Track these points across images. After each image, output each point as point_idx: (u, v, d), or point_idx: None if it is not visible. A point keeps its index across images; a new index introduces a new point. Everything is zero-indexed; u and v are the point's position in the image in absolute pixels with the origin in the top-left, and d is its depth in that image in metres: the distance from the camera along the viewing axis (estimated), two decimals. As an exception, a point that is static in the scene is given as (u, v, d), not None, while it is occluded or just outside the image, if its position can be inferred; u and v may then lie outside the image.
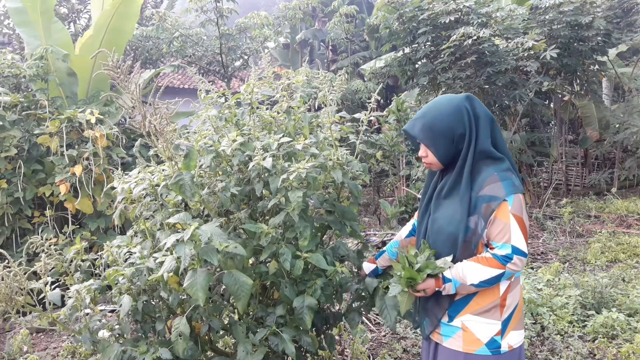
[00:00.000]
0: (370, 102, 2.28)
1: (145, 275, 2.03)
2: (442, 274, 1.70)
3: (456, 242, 1.69)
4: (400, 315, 1.87)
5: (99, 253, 2.35)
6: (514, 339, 1.72)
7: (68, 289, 2.15)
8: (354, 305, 2.28)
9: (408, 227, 2.08)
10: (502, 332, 1.69)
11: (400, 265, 1.75)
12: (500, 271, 1.63)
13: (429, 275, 1.71)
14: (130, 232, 2.36)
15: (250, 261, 2.14)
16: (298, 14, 9.79)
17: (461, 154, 1.73)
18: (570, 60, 7.75)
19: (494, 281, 1.65)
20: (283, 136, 2.10)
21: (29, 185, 4.76)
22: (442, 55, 7.67)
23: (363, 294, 2.22)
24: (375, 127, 8.59)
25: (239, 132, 2.19)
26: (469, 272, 1.65)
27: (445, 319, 1.77)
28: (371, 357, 3.35)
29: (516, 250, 1.62)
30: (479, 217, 1.65)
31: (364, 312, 2.26)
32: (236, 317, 2.31)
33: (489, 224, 1.65)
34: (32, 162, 4.84)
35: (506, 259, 1.63)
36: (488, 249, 1.69)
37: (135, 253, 2.19)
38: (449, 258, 1.70)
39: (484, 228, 1.65)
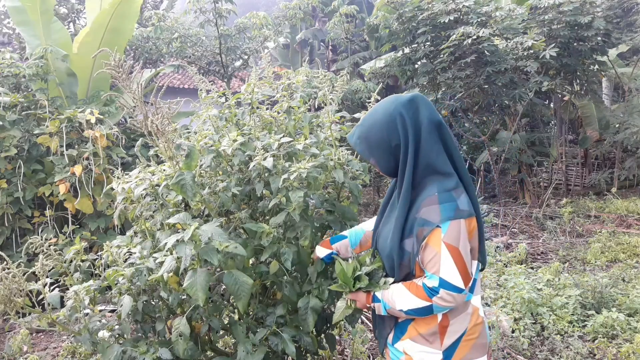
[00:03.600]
0: (370, 102, 2.28)
1: (145, 275, 2.03)
2: (374, 292, 1.60)
3: (393, 264, 1.58)
4: (331, 322, 1.79)
5: (99, 253, 2.35)
6: None
7: (68, 289, 2.15)
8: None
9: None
10: None
11: (340, 269, 1.67)
12: (426, 303, 1.49)
13: (361, 289, 1.63)
14: (130, 232, 2.36)
15: (251, 261, 2.14)
16: (298, 13, 9.79)
17: (399, 168, 1.56)
18: (569, 60, 7.76)
19: (424, 312, 1.51)
20: (283, 136, 2.10)
21: (29, 185, 4.75)
22: (441, 55, 7.68)
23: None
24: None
25: (239, 132, 2.19)
26: (398, 297, 1.54)
27: (390, 340, 1.66)
28: (371, 357, 3.35)
29: (444, 284, 1.46)
30: (414, 240, 1.51)
31: (364, 310, 2.26)
32: (236, 317, 2.31)
33: (422, 249, 1.50)
34: (32, 162, 4.84)
35: (432, 292, 1.47)
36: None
37: (135, 253, 2.18)
38: (390, 280, 1.60)
39: (417, 252, 1.51)
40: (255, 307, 2.18)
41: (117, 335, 2.20)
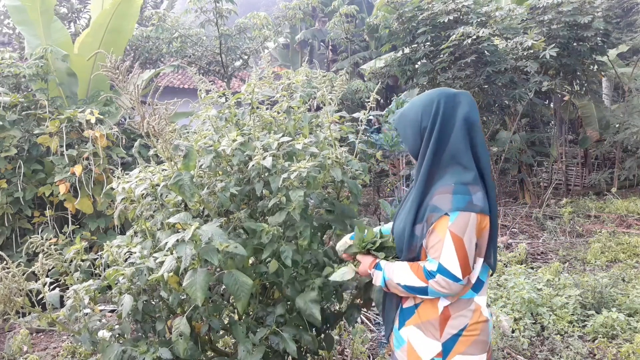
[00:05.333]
0: (370, 102, 2.28)
1: (145, 275, 2.03)
2: (379, 261, 1.69)
3: (402, 246, 1.65)
4: (333, 280, 1.81)
5: (99, 253, 2.35)
6: None
7: (68, 289, 2.15)
8: (354, 302, 2.28)
9: None
10: (445, 354, 1.58)
11: (360, 232, 1.76)
12: (422, 284, 1.55)
13: (369, 253, 1.73)
14: (130, 232, 2.36)
15: (250, 261, 2.14)
16: (298, 13, 9.79)
17: (420, 151, 1.64)
18: (569, 60, 7.76)
19: (419, 292, 1.57)
20: (283, 136, 2.11)
21: (29, 185, 4.75)
22: (441, 55, 7.68)
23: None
24: (375, 127, 8.60)
25: (239, 132, 2.19)
26: (398, 271, 1.61)
27: (396, 324, 1.72)
28: (371, 357, 3.35)
29: (442, 270, 1.51)
30: (424, 226, 1.57)
31: (364, 310, 2.26)
32: (236, 317, 2.31)
33: (428, 234, 1.56)
34: (32, 162, 4.84)
35: (430, 275, 1.53)
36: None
37: (135, 253, 2.18)
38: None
39: (423, 236, 1.58)
40: (255, 306, 2.18)
41: (117, 335, 2.21)
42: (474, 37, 6.98)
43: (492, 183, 1.63)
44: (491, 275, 1.71)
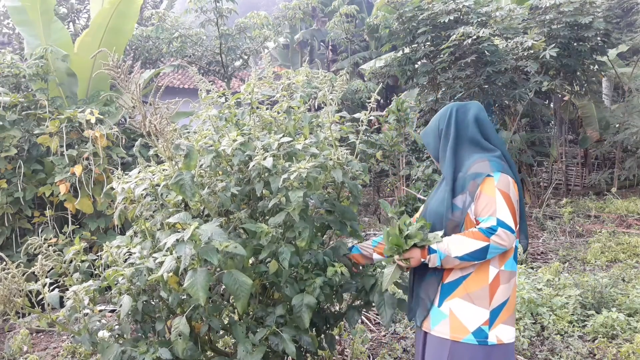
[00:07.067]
0: (370, 102, 2.28)
1: (145, 275, 2.03)
2: (429, 245, 1.73)
3: (442, 220, 1.75)
4: (383, 288, 1.85)
5: (99, 253, 2.34)
6: (504, 333, 1.70)
7: (68, 289, 2.15)
8: (354, 303, 2.28)
9: None
10: (491, 322, 1.68)
11: (388, 232, 1.77)
12: (484, 244, 1.62)
13: (415, 246, 1.74)
14: (130, 232, 2.36)
15: (250, 261, 2.14)
16: (298, 13, 9.79)
17: (441, 146, 1.86)
18: (569, 60, 7.76)
19: (479, 255, 1.64)
20: (283, 136, 2.10)
21: (29, 185, 4.75)
22: (441, 55, 7.67)
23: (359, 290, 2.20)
24: (375, 127, 8.60)
25: (239, 132, 2.19)
26: (454, 244, 1.67)
27: (435, 302, 1.77)
28: (371, 357, 3.35)
29: (501, 223, 1.62)
30: (467, 195, 1.70)
31: (364, 311, 2.26)
32: (236, 317, 2.31)
33: (476, 199, 1.68)
34: (32, 162, 4.84)
35: (490, 231, 1.62)
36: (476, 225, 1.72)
37: (135, 253, 2.18)
38: (440, 233, 1.73)
39: (470, 204, 1.69)
40: (255, 307, 2.18)
41: (116, 335, 2.20)
42: (474, 37, 6.98)
43: (512, 162, 1.82)
44: (524, 252, 1.87)
